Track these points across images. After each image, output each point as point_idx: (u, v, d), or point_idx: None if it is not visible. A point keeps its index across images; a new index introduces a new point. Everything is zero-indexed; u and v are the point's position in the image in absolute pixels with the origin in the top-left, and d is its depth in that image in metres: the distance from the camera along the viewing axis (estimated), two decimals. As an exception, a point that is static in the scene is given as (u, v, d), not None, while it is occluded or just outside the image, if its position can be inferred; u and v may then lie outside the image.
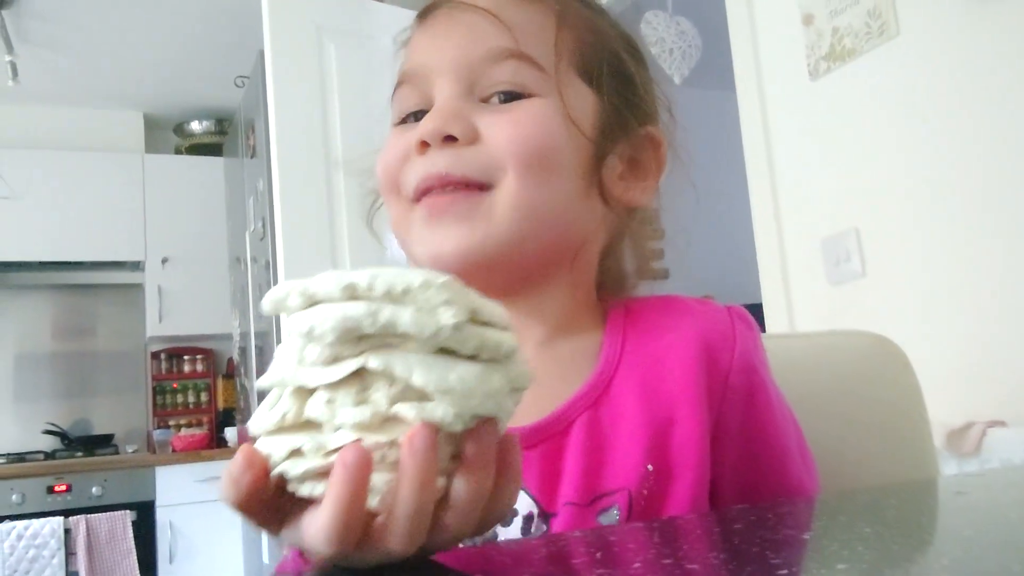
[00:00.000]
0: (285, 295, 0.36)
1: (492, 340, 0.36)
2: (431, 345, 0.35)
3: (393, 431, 0.35)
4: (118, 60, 3.97)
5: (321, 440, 0.35)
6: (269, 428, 0.37)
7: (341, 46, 2.65)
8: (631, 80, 0.67)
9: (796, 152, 2.04)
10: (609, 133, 0.65)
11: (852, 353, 0.80)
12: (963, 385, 1.60)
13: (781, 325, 2.04)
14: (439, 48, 0.63)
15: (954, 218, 1.65)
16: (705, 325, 0.63)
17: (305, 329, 0.35)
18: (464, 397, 0.35)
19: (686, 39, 2.78)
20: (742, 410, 0.61)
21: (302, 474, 0.35)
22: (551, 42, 0.63)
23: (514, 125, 0.60)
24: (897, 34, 1.75)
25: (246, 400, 3.77)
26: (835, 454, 0.70)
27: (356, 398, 0.35)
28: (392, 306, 0.35)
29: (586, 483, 0.56)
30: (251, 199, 3.44)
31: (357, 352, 0.35)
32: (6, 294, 4.37)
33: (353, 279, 0.35)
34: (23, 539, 3.52)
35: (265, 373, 0.38)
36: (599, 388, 0.60)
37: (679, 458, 0.57)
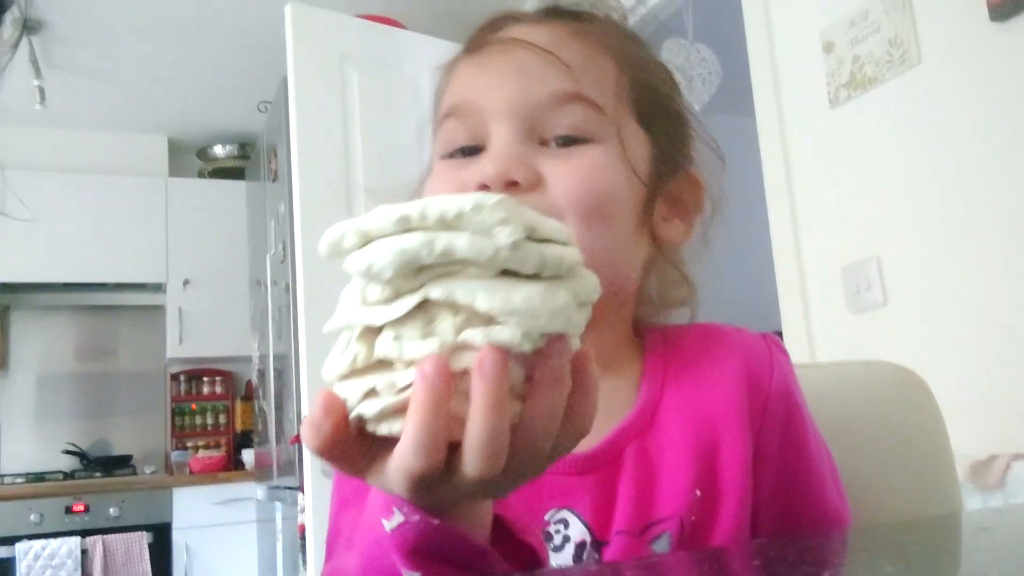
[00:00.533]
0: (341, 235, 0.36)
1: (553, 256, 0.35)
2: (492, 268, 0.34)
3: (464, 360, 0.34)
4: (143, 85, 4.03)
5: (393, 378, 0.35)
6: (342, 372, 0.37)
7: (364, 74, 2.68)
8: (681, 120, 0.68)
9: (816, 180, 2.03)
10: (660, 175, 0.65)
11: (874, 384, 0.79)
12: (986, 416, 1.57)
13: (801, 354, 2.02)
14: (495, 86, 0.61)
15: (976, 247, 1.64)
16: (744, 351, 0.64)
17: (364, 267, 0.35)
18: (530, 317, 0.34)
19: (706, 66, 2.79)
20: (780, 435, 0.62)
21: (379, 413, 0.35)
22: (610, 83, 0.63)
23: (577, 174, 0.59)
24: (918, 63, 1.74)
25: (264, 423, 3.77)
26: (857, 486, 0.69)
27: (422, 331, 0.35)
28: (448, 233, 0.34)
29: (637, 512, 0.57)
30: (272, 222, 3.46)
31: (418, 285, 0.35)
32: (29, 315, 4.41)
33: (405, 210, 0.35)
34: (40, 559, 3.53)
35: (331, 318, 0.38)
36: (646, 416, 0.61)
37: (725, 482, 0.58)
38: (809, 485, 0.62)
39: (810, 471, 0.62)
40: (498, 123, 0.60)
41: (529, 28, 0.64)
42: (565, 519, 0.57)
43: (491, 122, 0.61)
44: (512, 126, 0.60)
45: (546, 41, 0.61)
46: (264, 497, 3.74)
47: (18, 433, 4.30)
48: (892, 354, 1.76)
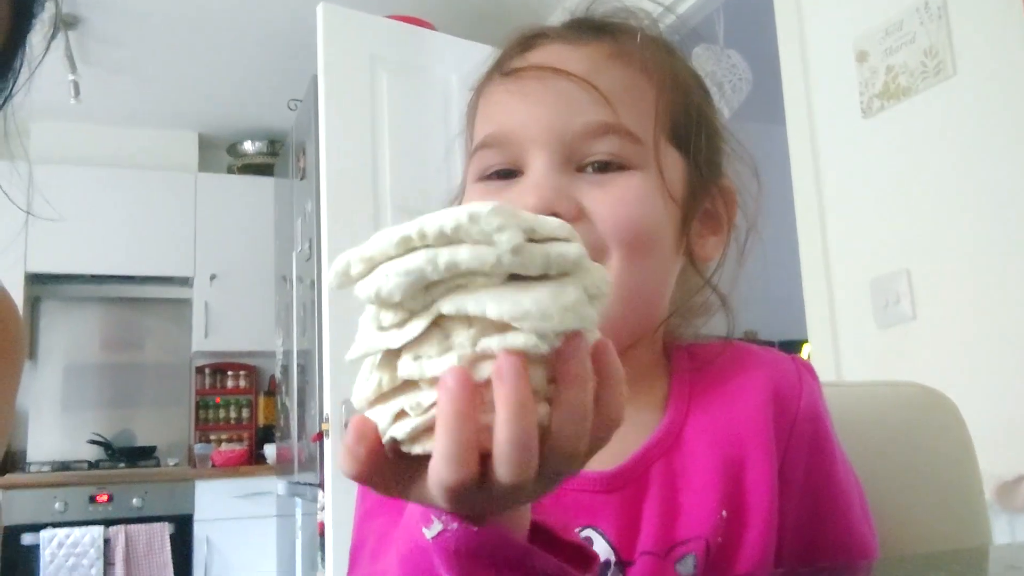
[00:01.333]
0: (346, 266, 0.37)
1: (557, 254, 0.36)
2: (499, 275, 0.35)
3: (485, 370, 0.35)
4: (176, 82, 4.07)
5: (419, 398, 0.36)
6: (370, 398, 0.37)
7: (394, 75, 2.69)
8: (715, 133, 0.67)
9: (846, 190, 2.01)
10: (695, 194, 0.65)
11: (902, 405, 0.78)
12: (1015, 436, 1.55)
13: (827, 366, 2.00)
14: (532, 116, 0.61)
15: (1007, 263, 1.61)
16: (773, 372, 0.64)
17: (372, 293, 0.36)
18: (542, 318, 0.34)
19: (736, 73, 2.77)
20: (807, 458, 0.61)
21: (410, 434, 0.36)
22: (648, 108, 0.62)
23: (618, 204, 0.59)
24: (954, 74, 1.72)
25: (286, 419, 3.80)
26: (882, 510, 0.68)
27: (440, 347, 0.35)
28: (449, 247, 0.35)
29: (663, 532, 0.57)
30: (299, 220, 3.48)
31: (429, 302, 0.35)
32: (58, 306, 4.47)
33: (405, 231, 0.35)
34: (63, 547, 3.57)
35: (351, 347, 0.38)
36: (672, 435, 0.61)
37: (752, 503, 0.58)
38: (835, 511, 0.61)
39: (837, 497, 0.62)
40: (536, 152, 0.60)
41: (565, 50, 0.63)
42: (590, 537, 0.57)
43: (529, 151, 0.60)
44: (550, 155, 0.60)
45: (584, 67, 0.61)
46: (285, 492, 3.76)
47: (45, 422, 4.36)
48: (920, 368, 1.75)
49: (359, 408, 0.38)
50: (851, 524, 0.61)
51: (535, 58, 0.63)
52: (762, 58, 2.55)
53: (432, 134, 2.59)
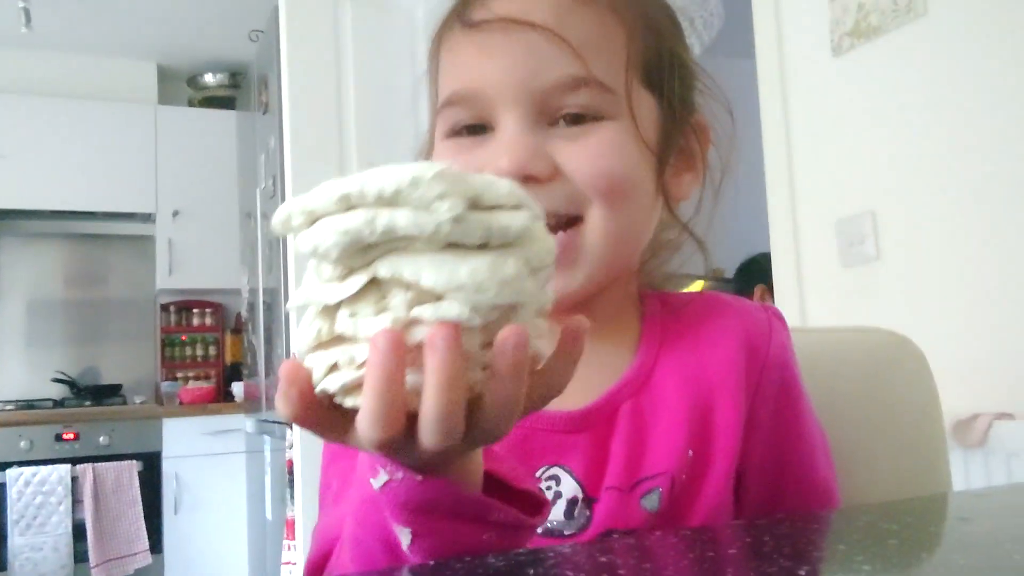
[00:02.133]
0: (288, 216, 0.36)
1: (498, 225, 0.35)
2: (438, 242, 0.34)
3: (418, 334, 0.35)
4: (133, 9, 3.93)
5: (352, 352, 0.36)
6: (310, 345, 0.37)
7: (358, 6, 2.62)
8: (686, 70, 0.66)
9: (815, 129, 2.00)
10: (669, 135, 0.64)
11: (870, 350, 0.78)
12: (973, 375, 1.58)
13: (792, 305, 2.02)
14: (501, 73, 0.59)
15: (973, 206, 1.62)
16: (744, 320, 0.65)
17: (310, 248, 0.36)
18: (477, 291, 0.34)
19: (708, 8, 2.73)
20: (774, 404, 0.63)
21: (341, 388, 0.36)
22: (619, 54, 0.60)
23: (593, 158, 0.58)
24: (924, 13, 1.70)
25: (253, 356, 3.79)
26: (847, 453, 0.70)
27: (376, 307, 0.35)
28: (389, 210, 0.34)
29: (629, 468, 0.58)
30: (262, 156, 3.42)
31: (368, 261, 0.35)
32: (18, 242, 4.38)
33: (346, 188, 0.35)
34: (30, 485, 3.57)
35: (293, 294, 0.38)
36: (642, 376, 0.62)
37: (717, 444, 0.59)
38: (800, 457, 0.63)
39: (801, 443, 0.63)
40: (507, 110, 0.58)
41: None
42: (556, 475, 0.58)
43: (499, 108, 0.59)
44: (521, 113, 0.58)
45: (551, 14, 0.58)
46: (253, 430, 3.77)
47: (8, 360, 4.31)
48: (883, 309, 1.77)
49: (299, 354, 0.38)
50: (815, 470, 0.63)
51: (499, 6, 0.60)
52: (733, -8, 2.51)
53: (398, 69, 2.54)
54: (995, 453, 1.46)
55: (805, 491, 0.62)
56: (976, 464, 1.48)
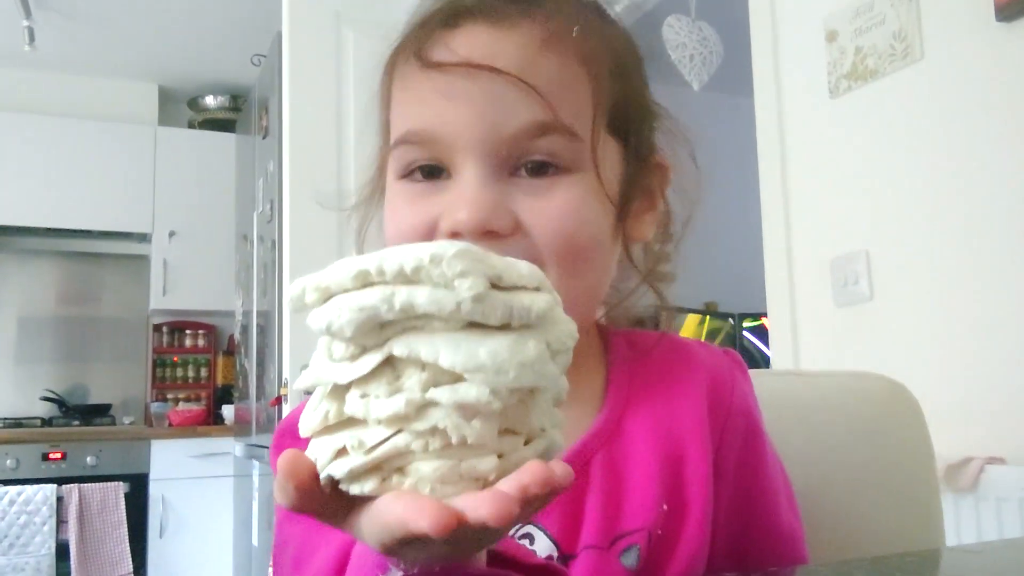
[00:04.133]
0: (301, 292, 0.35)
1: (520, 305, 0.34)
2: (457, 321, 0.33)
3: (432, 417, 0.33)
4: (136, 31, 3.95)
5: (362, 436, 0.34)
6: (316, 429, 0.36)
7: (360, 34, 2.63)
8: (650, 115, 0.65)
9: (811, 168, 2.01)
10: (632, 180, 0.62)
11: (864, 397, 0.78)
12: (964, 418, 1.58)
13: (785, 342, 2.02)
14: (462, 119, 0.56)
15: (966, 248, 1.63)
16: (709, 367, 0.64)
17: (324, 326, 0.34)
18: (497, 373, 0.33)
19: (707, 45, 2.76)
20: (738, 453, 0.62)
21: (348, 474, 0.34)
22: (586, 102, 0.58)
23: (555, 217, 0.56)
24: (921, 58, 1.72)
25: (245, 379, 3.77)
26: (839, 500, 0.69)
27: (389, 388, 0.34)
28: (407, 287, 0.33)
29: (606, 525, 0.56)
30: (260, 180, 3.42)
31: (383, 340, 0.34)
32: (13, 258, 4.37)
33: (363, 265, 0.34)
34: (15, 504, 3.53)
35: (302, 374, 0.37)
36: (611, 425, 0.60)
37: (690, 497, 0.58)
38: (765, 504, 0.62)
39: (766, 490, 0.63)
40: (467, 158, 0.56)
41: (492, 35, 0.57)
42: (530, 534, 0.56)
43: (458, 154, 0.56)
44: (482, 162, 0.55)
45: (516, 59, 0.56)
46: (242, 454, 3.74)
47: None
48: (875, 349, 1.77)
49: (304, 436, 0.36)
50: (779, 517, 0.62)
51: (459, 46, 0.57)
52: (733, 29, 2.54)
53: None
54: (986, 498, 1.46)
55: (770, 538, 0.62)
56: (967, 508, 1.47)
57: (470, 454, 0.34)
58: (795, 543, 0.63)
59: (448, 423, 0.33)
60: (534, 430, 0.36)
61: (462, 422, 0.33)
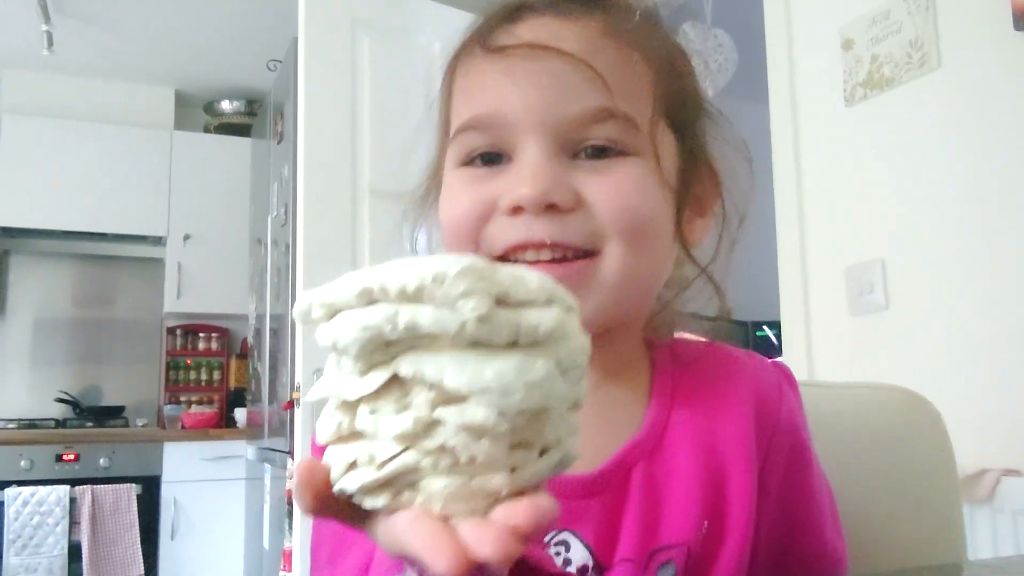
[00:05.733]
0: (308, 308, 0.35)
1: (527, 324, 0.33)
2: (462, 340, 0.33)
3: (440, 435, 0.33)
4: (153, 35, 3.98)
5: (373, 451, 0.34)
6: (330, 438, 0.36)
7: (375, 40, 2.64)
8: (703, 113, 0.65)
9: (826, 177, 2.01)
10: (687, 179, 0.62)
11: (884, 409, 0.77)
12: (980, 429, 1.57)
13: (799, 351, 2.01)
14: (525, 99, 0.56)
15: (982, 257, 1.62)
16: (757, 380, 0.62)
17: (330, 343, 0.34)
18: (503, 394, 0.32)
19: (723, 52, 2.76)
20: (784, 470, 0.60)
21: (360, 489, 0.34)
22: (646, 91, 0.58)
23: (617, 192, 0.56)
24: (938, 67, 1.72)
25: (257, 383, 3.78)
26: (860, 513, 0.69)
27: (398, 404, 0.34)
28: (411, 307, 0.33)
29: (644, 538, 0.55)
30: (275, 184, 3.44)
31: (390, 356, 0.34)
32: (28, 260, 4.40)
33: (366, 282, 0.33)
34: (28, 505, 3.55)
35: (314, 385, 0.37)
36: (654, 436, 0.59)
37: (731, 515, 0.57)
38: (809, 522, 0.61)
39: (811, 508, 0.61)
40: (529, 137, 0.56)
41: (555, 24, 0.58)
42: (566, 541, 0.55)
43: (520, 135, 0.56)
44: (544, 141, 0.56)
45: (579, 45, 0.56)
46: (254, 457, 3.75)
47: (12, 378, 4.31)
48: (890, 358, 1.76)
49: (319, 444, 0.36)
50: (824, 535, 0.61)
51: (524, 33, 0.58)
52: (748, 36, 2.54)
53: (413, 102, 2.56)
54: (1002, 510, 1.44)
55: (814, 557, 0.60)
56: (983, 520, 1.46)
57: (481, 471, 0.34)
58: (837, 564, 0.62)
59: (457, 442, 0.33)
60: (549, 441, 0.36)
61: (471, 441, 0.33)
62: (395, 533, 0.34)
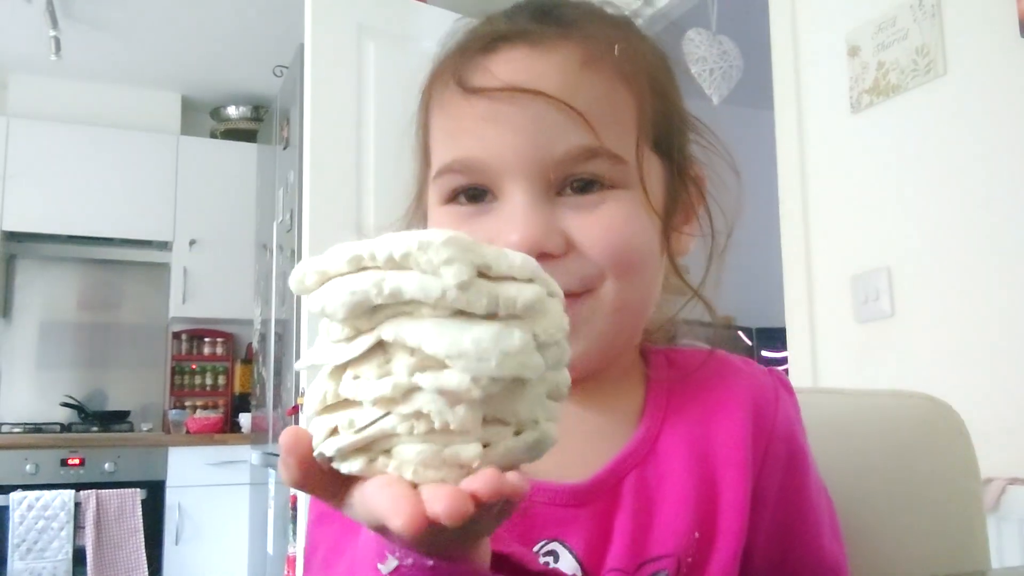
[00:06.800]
0: (303, 275, 0.37)
1: (505, 296, 0.35)
2: (444, 308, 0.34)
3: (417, 401, 0.34)
4: (160, 41, 3.99)
5: (353, 416, 0.35)
6: (316, 408, 0.37)
7: (381, 46, 2.65)
8: (686, 124, 0.65)
9: (831, 184, 2.00)
10: (675, 195, 0.62)
11: (907, 416, 0.76)
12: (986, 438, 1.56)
13: (804, 359, 2.01)
14: (508, 145, 0.55)
15: (988, 265, 1.62)
16: (752, 387, 0.62)
17: (318, 308, 0.36)
18: (479, 360, 0.33)
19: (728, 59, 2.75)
20: (780, 478, 0.60)
21: (337, 452, 0.35)
22: (629, 122, 0.58)
23: (607, 231, 0.56)
24: (944, 73, 1.71)
25: (262, 388, 3.78)
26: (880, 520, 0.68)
27: (379, 371, 0.35)
28: (397, 273, 0.34)
29: (634, 549, 0.55)
30: (281, 190, 3.44)
31: (375, 324, 0.35)
32: (35, 264, 4.42)
33: (357, 250, 0.35)
34: (33, 509, 3.55)
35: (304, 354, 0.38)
36: (646, 445, 0.59)
37: (723, 524, 0.56)
38: (807, 531, 0.61)
39: (808, 517, 0.61)
40: (514, 181, 0.55)
41: (532, 58, 0.57)
42: (555, 551, 0.55)
43: (505, 178, 0.56)
44: (530, 185, 0.55)
45: (558, 82, 0.55)
46: (259, 462, 3.75)
47: (18, 381, 4.32)
48: (896, 365, 1.75)
49: (307, 417, 0.37)
50: (821, 541, 0.61)
51: (500, 70, 0.56)
52: (754, 43, 2.53)
53: (418, 109, 2.56)
54: (1007, 519, 1.44)
55: (812, 564, 0.60)
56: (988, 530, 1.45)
57: (454, 440, 0.34)
58: (836, 570, 0.61)
59: (432, 408, 0.34)
60: (525, 421, 0.36)
61: (445, 408, 0.34)
62: (365, 498, 0.35)
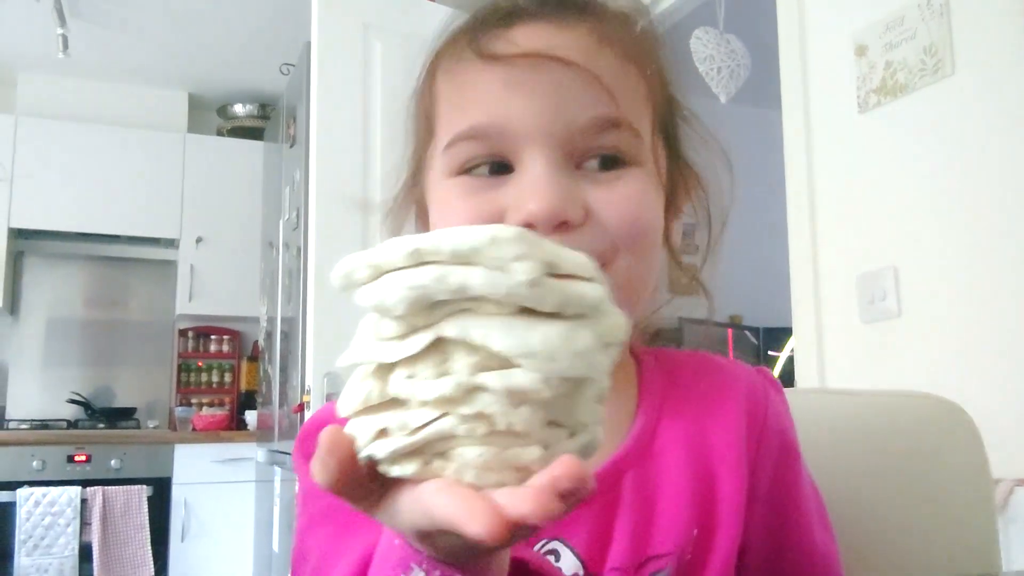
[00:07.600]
0: (352, 269, 0.34)
1: (575, 294, 0.33)
2: (510, 305, 0.33)
3: (479, 402, 0.33)
4: (167, 39, 4.00)
5: (406, 418, 0.34)
6: (356, 408, 0.35)
7: (387, 44, 2.65)
8: (684, 115, 0.65)
9: (839, 184, 2.00)
10: (673, 183, 0.63)
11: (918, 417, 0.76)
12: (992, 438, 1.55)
13: (811, 359, 2.00)
14: (530, 110, 0.54)
15: (996, 265, 1.61)
16: (743, 385, 0.63)
17: (375, 303, 0.34)
18: (549, 360, 0.32)
19: (735, 58, 2.74)
20: (772, 471, 0.61)
21: (390, 455, 0.34)
22: (642, 101, 0.58)
23: (627, 205, 0.55)
24: (952, 73, 1.70)
25: (268, 385, 3.79)
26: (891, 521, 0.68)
27: (437, 370, 0.33)
28: (462, 267, 0.32)
29: (635, 547, 0.55)
30: (287, 188, 3.45)
31: (433, 321, 0.33)
32: (42, 261, 4.43)
33: (418, 243, 0.33)
34: (40, 506, 3.57)
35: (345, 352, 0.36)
36: (643, 442, 0.58)
37: (721, 521, 0.57)
38: (799, 523, 0.62)
39: (800, 510, 0.62)
40: (534, 149, 0.54)
41: (551, 31, 0.56)
42: (556, 550, 0.55)
43: (524, 146, 0.54)
44: (551, 153, 0.54)
45: (578, 54, 0.55)
46: (264, 460, 3.76)
47: (25, 378, 4.33)
48: (902, 365, 1.75)
49: (344, 416, 0.35)
50: (813, 535, 0.62)
51: (521, 40, 0.56)
52: (761, 42, 2.53)
53: (425, 108, 2.56)
54: (1015, 521, 1.43)
55: (804, 556, 0.61)
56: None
57: (515, 443, 0.33)
58: (829, 563, 0.62)
59: (495, 409, 0.33)
60: (578, 424, 0.35)
61: (509, 409, 0.33)
62: (423, 501, 0.33)
